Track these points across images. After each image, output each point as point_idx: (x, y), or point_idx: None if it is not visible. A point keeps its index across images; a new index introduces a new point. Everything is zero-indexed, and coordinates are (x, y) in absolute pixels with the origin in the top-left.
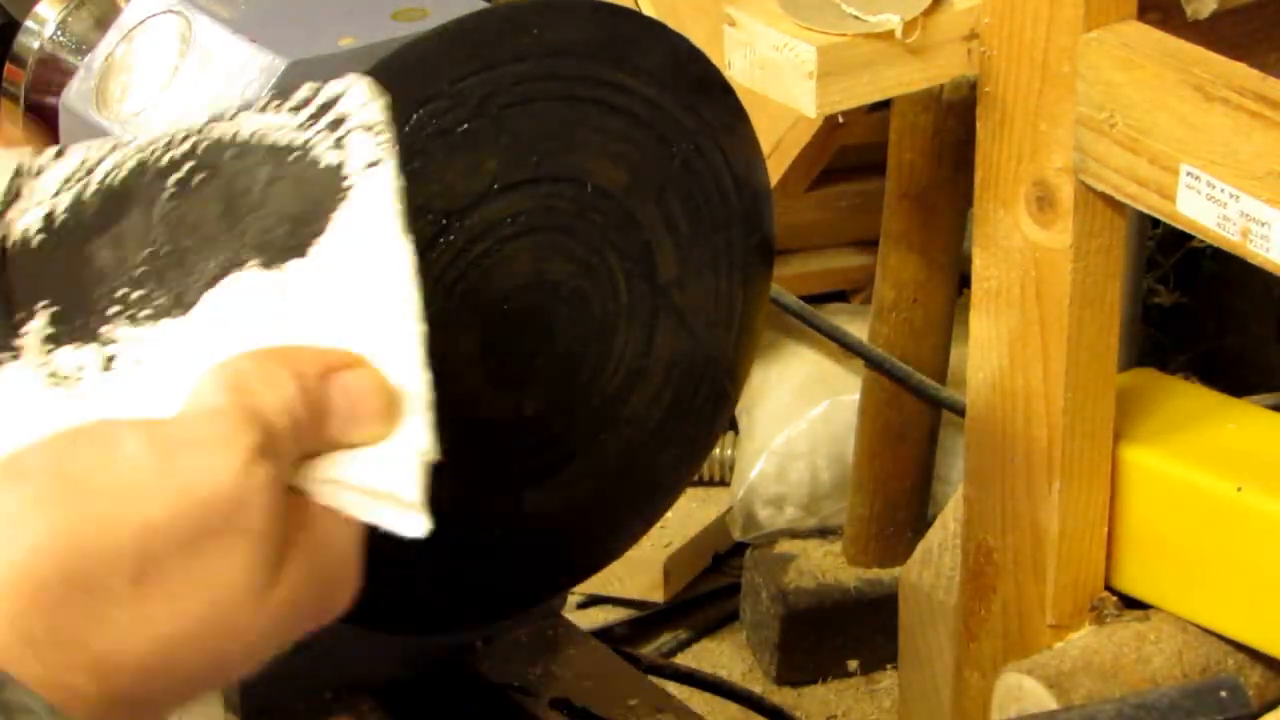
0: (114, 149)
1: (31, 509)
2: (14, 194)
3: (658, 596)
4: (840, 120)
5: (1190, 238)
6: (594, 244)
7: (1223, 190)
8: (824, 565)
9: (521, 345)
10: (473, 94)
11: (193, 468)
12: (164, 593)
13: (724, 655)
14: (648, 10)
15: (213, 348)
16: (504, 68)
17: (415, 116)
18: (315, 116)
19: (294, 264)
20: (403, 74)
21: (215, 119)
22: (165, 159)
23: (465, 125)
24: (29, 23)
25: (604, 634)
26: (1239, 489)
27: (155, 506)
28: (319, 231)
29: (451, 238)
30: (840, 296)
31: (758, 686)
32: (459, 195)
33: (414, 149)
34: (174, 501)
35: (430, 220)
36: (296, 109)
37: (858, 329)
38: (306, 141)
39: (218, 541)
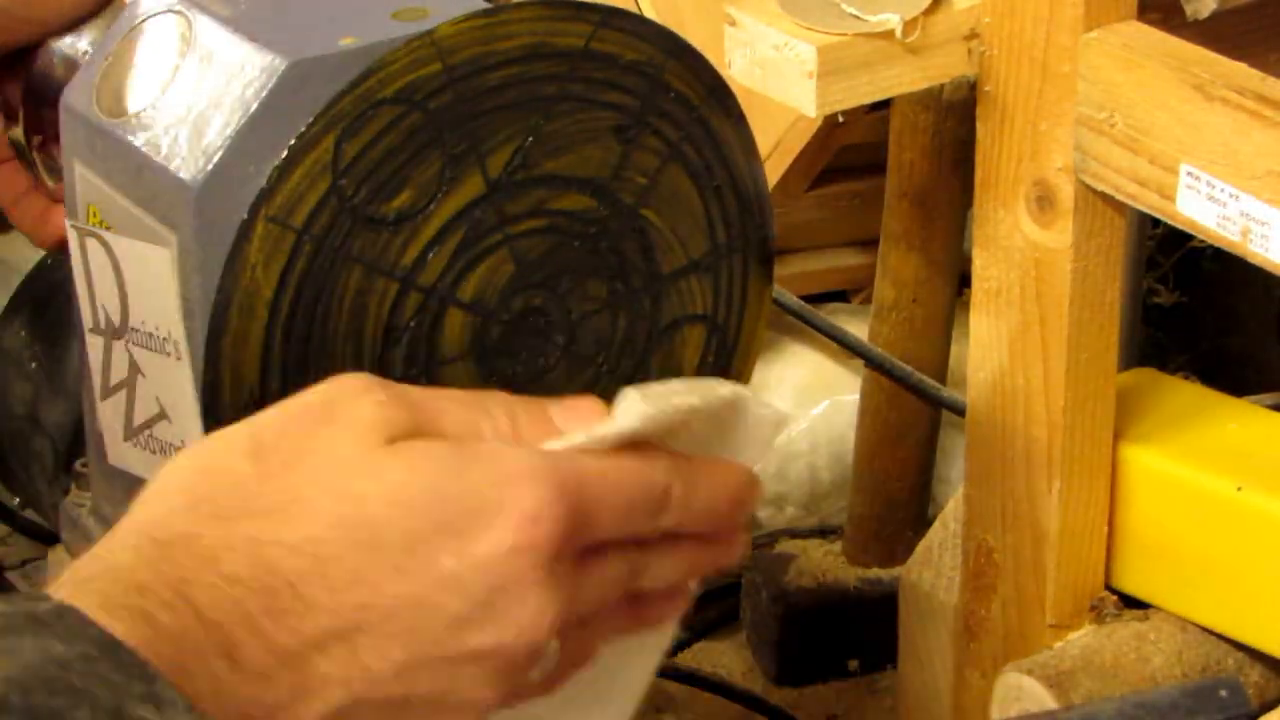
0: None
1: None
2: None
3: None
4: (840, 120)
5: (1190, 238)
6: (591, 245)
7: (1222, 190)
8: (824, 565)
9: (519, 349)
10: (466, 95)
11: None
12: (279, 464)
13: (724, 655)
14: (648, 11)
15: None
16: (496, 69)
17: (412, 118)
18: None
19: None
20: (403, 71)
21: None
22: None
23: (460, 127)
24: None
25: None
26: (1239, 489)
27: (265, 413)
28: None
29: (444, 243)
30: (840, 296)
31: (758, 686)
32: (454, 199)
33: (408, 152)
34: (280, 406)
35: (424, 224)
36: None
37: (858, 329)
38: None
39: (314, 423)
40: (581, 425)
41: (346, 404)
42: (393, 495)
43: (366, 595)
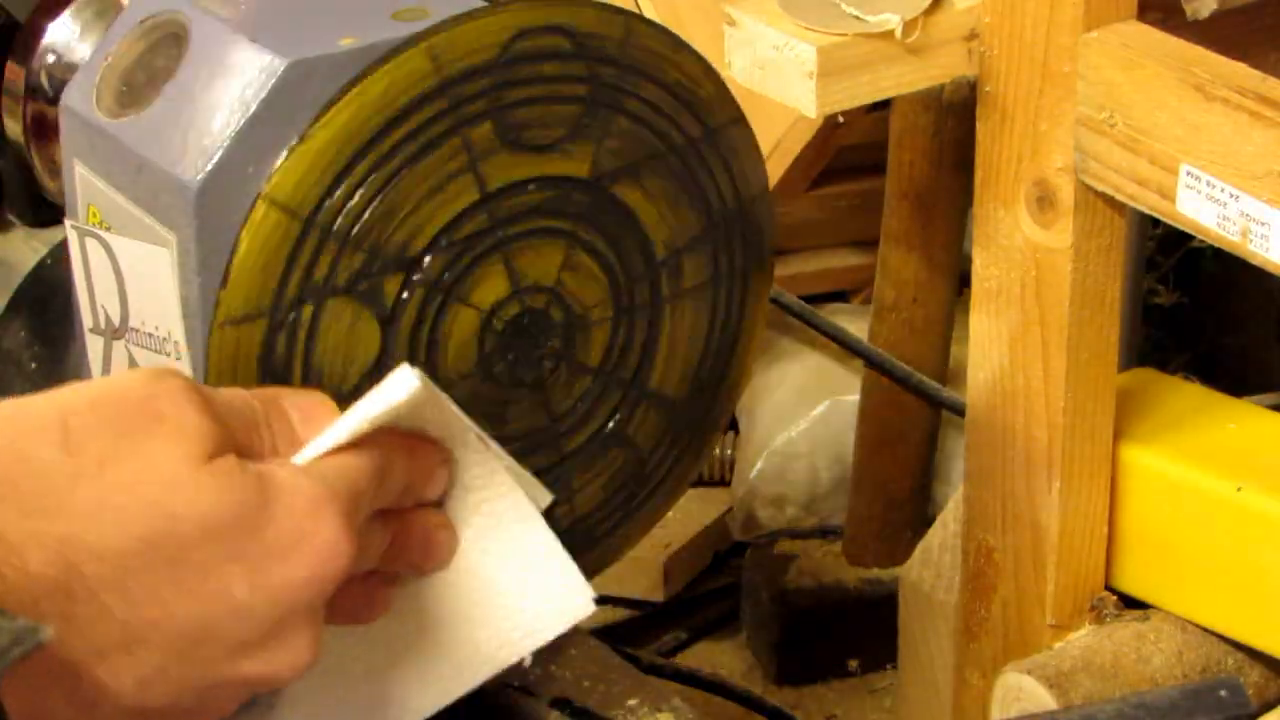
0: None
1: None
2: None
3: (658, 596)
4: (840, 120)
5: (1190, 238)
6: (594, 246)
7: (1223, 190)
8: (824, 565)
9: (522, 348)
10: (472, 95)
11: (112, 379)
12: (94, 461)
13: (724, 655)
14: (648, 12)
15: None
16: (501, 69)
17: (416, 119)
18: None
19: None
20: (405, 70)
21: None
22: None
23: (465, 127)
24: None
25: (604, 634)
26: (1239, 489)
27: (73, 397)
28: None
29: (444, 243)
30: (840, 296)
31: (758, 686)
32: (455, 198)
33: (409, 152)
34: (89, 392)
35: (429, 222)
36: None
37: (858, 329)
38: None
39: (134, 422)
40: (320, 426)
41: (170, 408)
42: (205, 520)
43: (159, 613)
